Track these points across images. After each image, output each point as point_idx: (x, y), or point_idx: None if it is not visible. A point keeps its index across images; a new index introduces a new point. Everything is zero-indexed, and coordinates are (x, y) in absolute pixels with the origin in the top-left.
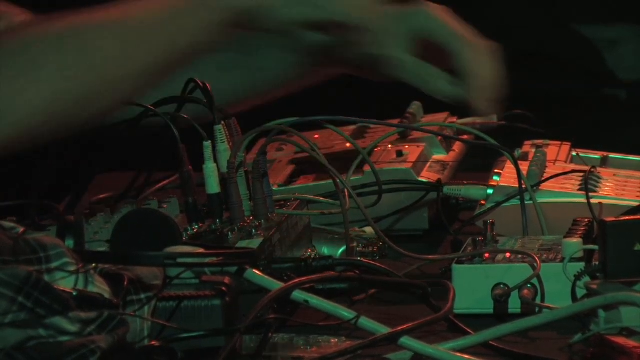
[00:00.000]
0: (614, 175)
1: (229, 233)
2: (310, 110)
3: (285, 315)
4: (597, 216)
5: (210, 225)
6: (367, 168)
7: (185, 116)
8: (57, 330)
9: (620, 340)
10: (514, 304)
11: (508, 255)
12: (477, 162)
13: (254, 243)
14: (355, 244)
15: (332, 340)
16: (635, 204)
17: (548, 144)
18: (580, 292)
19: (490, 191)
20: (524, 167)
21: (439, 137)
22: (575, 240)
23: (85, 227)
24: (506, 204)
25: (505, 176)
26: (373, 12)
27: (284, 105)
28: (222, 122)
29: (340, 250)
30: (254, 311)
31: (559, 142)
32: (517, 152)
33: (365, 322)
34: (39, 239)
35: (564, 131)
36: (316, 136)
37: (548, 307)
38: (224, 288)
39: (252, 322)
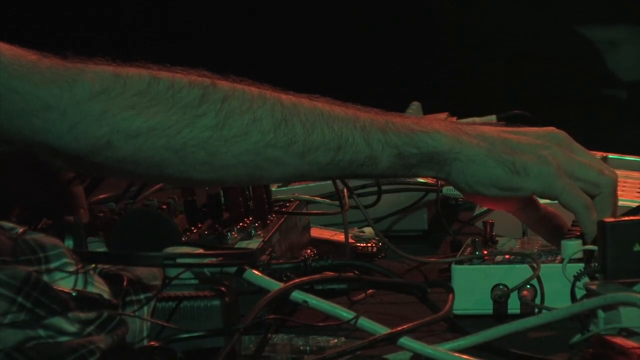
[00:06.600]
0: None
1: (229, 233)
2: None
3: (285, 316)
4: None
5: (209, 226)
6: None
7: None
8: (57, 331)
9: (620, 340)
10: (514, 305)
11: (507, 256)
12: None
13: (254, 243)
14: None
15: (332, 341)
16: (634, 204)
17: None
18: (580, 293)
19: None
20: None
21: None
22: (575, 241)
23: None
24: None
25: None
26: (559, 183)
27: None
28: None
29: None
30: (254, 311)
31: None
32: None
33: (365, 322)
34: (38, 240)
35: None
36: None
37: (547, 308)
38: (223, 288)
39: (252, 323)
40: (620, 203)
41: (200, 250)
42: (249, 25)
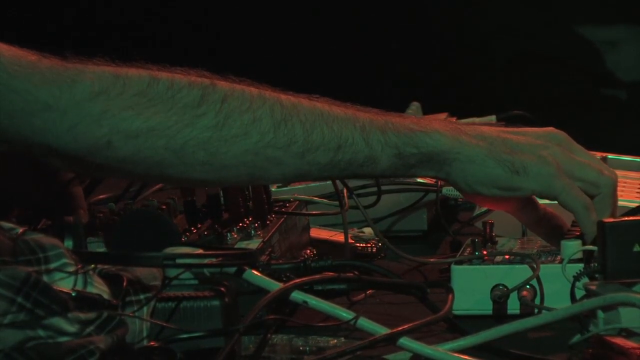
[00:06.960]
0: None
1: (228, 234)
2: None
3: (284, 316)
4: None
5: (209, 226)
6: None
7: None
8: (56, 331)
9: (619, 340)
10: (513, 305)
11: (507, 256)
12: None
13: (253, 244)
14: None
15: (332, 341)
16: (634, 204)
17: None
18: (579, 293)
19: None
20: None
21: None
22: (574, 241)
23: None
24: None
25: None
26: (559, 183)
27: None
28: None
29: None
30: (253, 312)
31: None
32: None
33: (365, 322)
34: (38, 240)
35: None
36: None
37: (547, 308)
38: (223, 288)
39: (251, 323)
40: (620, 203)
41: (200, 251)
42: (249, 25)
